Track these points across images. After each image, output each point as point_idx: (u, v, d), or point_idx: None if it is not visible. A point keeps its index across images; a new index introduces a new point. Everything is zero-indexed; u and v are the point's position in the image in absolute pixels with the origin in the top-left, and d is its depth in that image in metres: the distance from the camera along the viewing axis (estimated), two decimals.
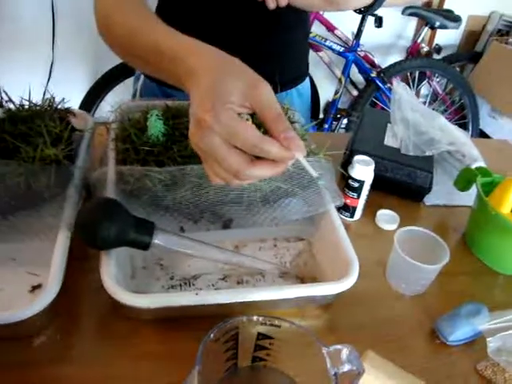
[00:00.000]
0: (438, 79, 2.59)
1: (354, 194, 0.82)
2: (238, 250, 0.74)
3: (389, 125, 0.99)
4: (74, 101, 2.13)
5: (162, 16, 0.94)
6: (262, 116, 0.45)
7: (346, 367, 0.44)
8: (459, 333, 0.62)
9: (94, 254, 0.60)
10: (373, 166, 0.81)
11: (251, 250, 0.74)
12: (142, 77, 1.04)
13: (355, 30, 2.26)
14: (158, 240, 0.60)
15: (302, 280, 0.70)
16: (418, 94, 2.67)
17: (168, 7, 0.94)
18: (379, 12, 2.18)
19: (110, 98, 2.09)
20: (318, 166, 0.75)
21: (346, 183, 0.83)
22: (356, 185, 0.81)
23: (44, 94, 0.78)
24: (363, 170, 0.80)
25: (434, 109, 2.65)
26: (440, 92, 2.61)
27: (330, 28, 2.30)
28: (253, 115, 0.50)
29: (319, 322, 0.65)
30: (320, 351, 0.45)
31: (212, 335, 0.44)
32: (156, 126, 0.70)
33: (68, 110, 0.80)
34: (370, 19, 2.19)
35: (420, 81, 2.57)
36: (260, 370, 0.51)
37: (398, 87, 1.02)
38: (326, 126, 2.44)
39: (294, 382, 0.51)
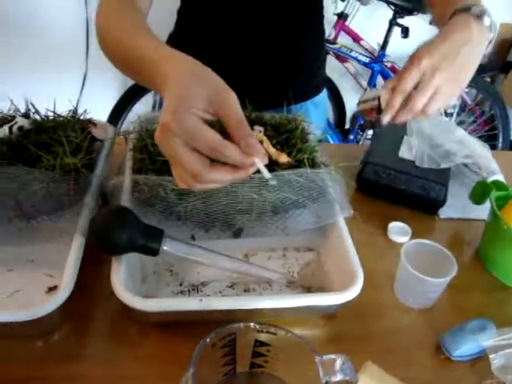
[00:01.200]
0: (466, 89, 2.54)
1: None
2: (247, 259, 0.75)
3: (405, 137, 0.99)
4: (106, 110, 2.19)
5: (181, 20, 0.99)
6: (224, 122, 0.46)
7: (339, 377, 0.45)
8: (464, 348, 0.62)
9: (109, 260, 0.63)
10: None
11: (260, 258, 0.75)
12: None
13: (381, 41, 2.26)
14: (166, 247, 0.62)
15: (308, 290, 0.71)
16: None
17: (186, 17, 0.99)
18: (406, 22, 2.17)
19: (138, 108, 2.15)
20: (329, 177, 0.76)
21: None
22: None
23: (77, 104, 0.83)
24: None
25: (461, 120, 2.61)
26: (469, 102, 2.57)
27: (356, 39, 2.30)
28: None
29: (323, 332, 0.66)
30: (314, 360, 0.46)
31: (208, 340, 0.46)
32: None
33: (90, 121, 0.83)
34: (397, 29, 2.19)
35: None
36: (258, 377, 0.53)
37: None
38: (352, 136, 2.44)
39: None
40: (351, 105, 2.59)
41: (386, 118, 0.68)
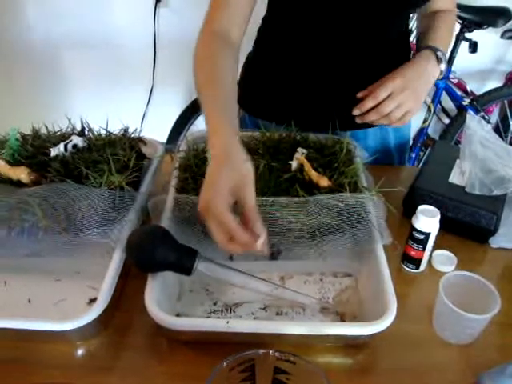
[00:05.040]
0: None
1: (420, 246, 0.77)
2: (283, 282, 0.75)
3: (457, 161, 0.95)
4: (171, 122, 2.25)
5: (261, 38, 1.02)
6: (241, 205, 0.61)
7: None
8: None
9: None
10: (438, 217, 0.75)
11: (296, 282, 0.75)
12: None
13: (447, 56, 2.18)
14: (200, 267, 0.64)
15: (342, 317, 0.70)
16: None
17: (268, 35, 1.00)
18: (474, 36, 2.08)
19: (201, 121, 2.21)
20: (371, 202, 0.75)
21: (410, 234, 0.78)
22: (421, 237, 0.76)
23: (143, 117, 0.88)
24: (428, 221, 0.75)
25: None
26: None
27: None
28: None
29: (353, 361, 0.65)
30: None
31: (225, 364, 0.47)
32: None
33: (140, 139, 0.88)
34: (464, 44, 2.10)
35: None
36: None
37: (472, 122, 0.97)
38: (413, 154, 2.36)
39: None
40: (414, 122, 2.51)
41: (355, 111, 0.82)
